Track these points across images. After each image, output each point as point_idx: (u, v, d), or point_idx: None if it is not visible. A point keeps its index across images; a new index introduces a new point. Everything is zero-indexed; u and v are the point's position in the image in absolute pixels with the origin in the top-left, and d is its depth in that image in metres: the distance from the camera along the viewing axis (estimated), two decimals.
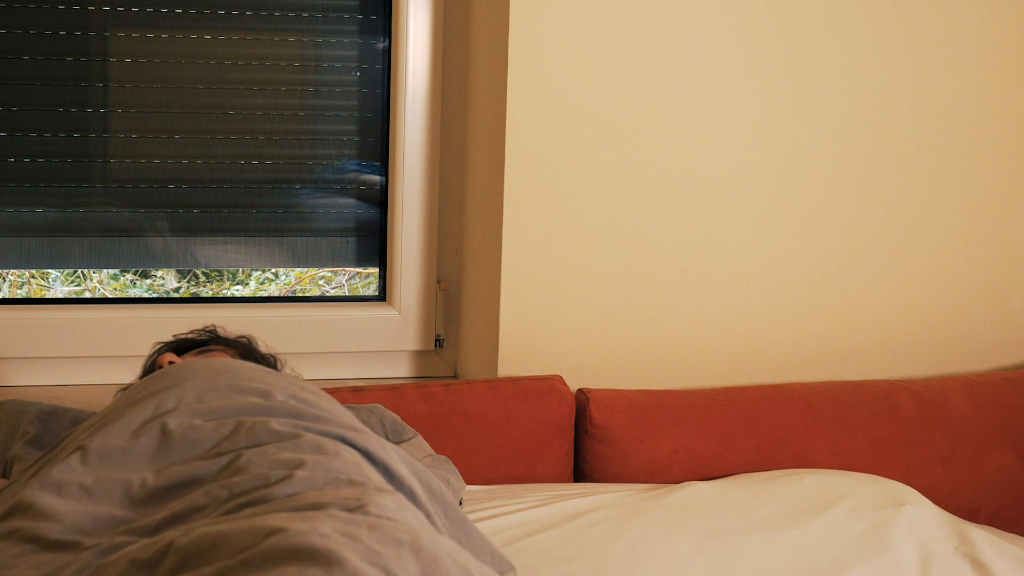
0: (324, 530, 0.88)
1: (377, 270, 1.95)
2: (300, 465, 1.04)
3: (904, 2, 1.83)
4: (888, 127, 1.87)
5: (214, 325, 1.56)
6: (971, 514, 1.76)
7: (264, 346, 1.56)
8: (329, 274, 1.95)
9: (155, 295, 1.89)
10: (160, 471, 1.08)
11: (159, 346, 1.52)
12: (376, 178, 1.92)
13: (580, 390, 1.73)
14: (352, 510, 0.94)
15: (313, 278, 1.95)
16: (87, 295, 1.86)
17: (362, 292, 1.96)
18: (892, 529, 1.49)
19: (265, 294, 1.94)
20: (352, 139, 1.90)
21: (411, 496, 1.11)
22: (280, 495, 0.99)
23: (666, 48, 1.75)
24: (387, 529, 0.92)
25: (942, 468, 1.78)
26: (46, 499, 1.04)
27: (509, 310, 1.76)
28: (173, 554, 0.91)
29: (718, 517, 1.49)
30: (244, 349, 1.52)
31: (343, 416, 1.21)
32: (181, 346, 1.51)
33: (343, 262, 1.94)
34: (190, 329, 1.56)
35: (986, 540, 1.53)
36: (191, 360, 1.37)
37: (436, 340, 1.94)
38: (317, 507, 0.95)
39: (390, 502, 0.99)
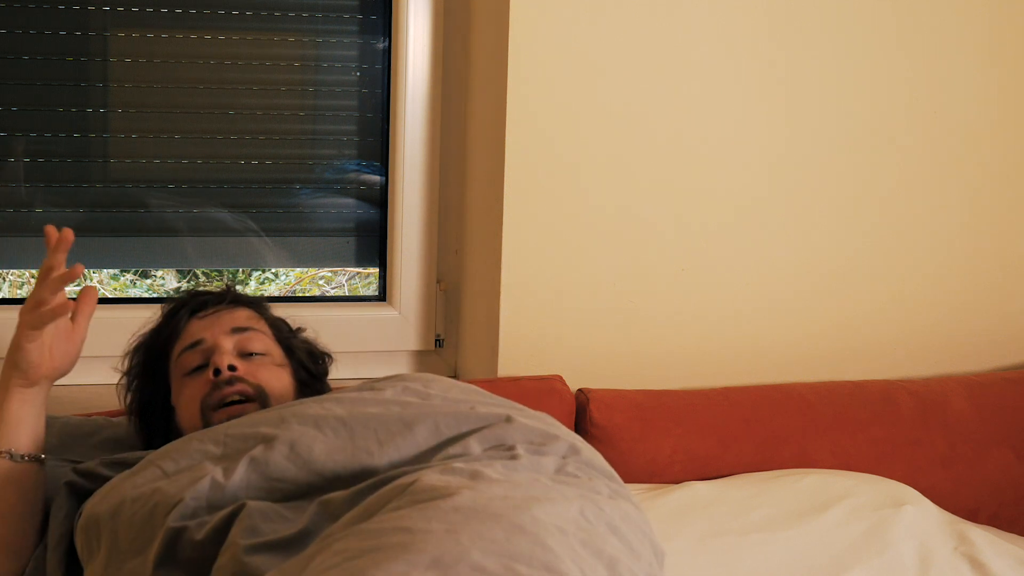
0: None
1: (377, 270, 1.95)
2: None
3: (903, 2, 1.83)
4: (888, 127, 1.86)
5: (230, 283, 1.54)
6: (971, 514, 1.76)
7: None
8: (329, 274, 1.95)
9: (155, 295, 1.89)
10: None
11: (172, 305, 1.46)
12: (376, 178, 1.92)
13: (580, 390, 1.73)
14: None
15: (313, 278, 1.95)
16: None
17: (362, 292, 1.96)
18: (892, 529, 1.49)
19: (265, 294, 1.94)
20: (352, 139, 1.90)
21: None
22: None
23: (666, 48, 1.74)
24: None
25: (942, 468, 1.78)
26: None
27: (509, 310, 1.76)
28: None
29: (718, 517, 1.49)
30: (279, 332, 1.47)
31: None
32: (197, 304, 1.45)
33: (343, 262, 1.94)
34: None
35: (986, 540, 1.53)
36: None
37: (436, 340, 1.94)
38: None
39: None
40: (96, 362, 1.81)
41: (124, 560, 1.09)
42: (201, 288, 1.51)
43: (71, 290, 1.33)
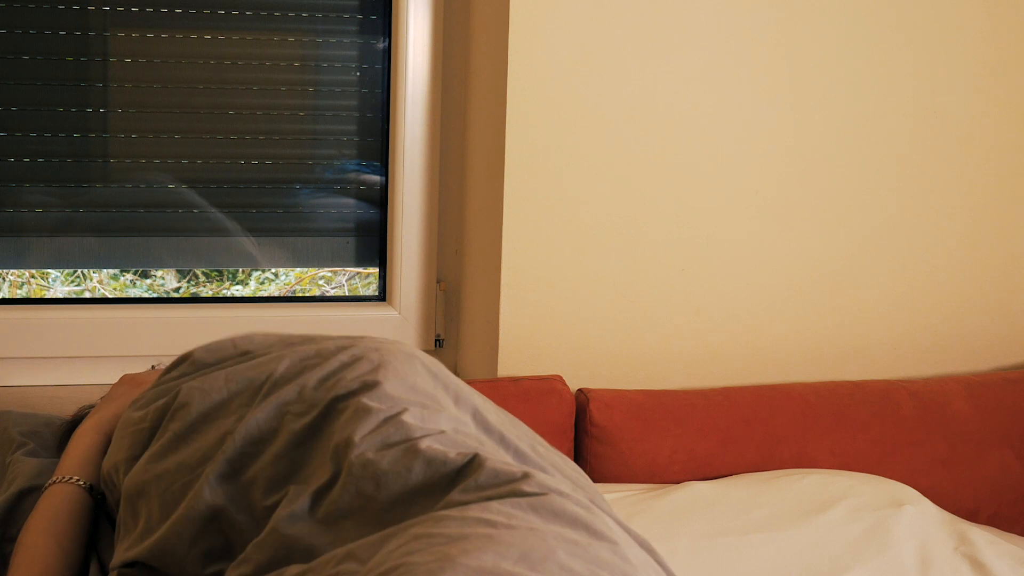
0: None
1: (377, 270, 1.95)
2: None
3: (904, 2, 1.83)
4: (888, 127, 1.87)
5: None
6: (971, 514, 1.76)
7: None
8: (329, 274, 1.95)
9: (155, 295, 1.89)
10: None
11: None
12: (376, 178, 1.92)
13: (580, 390, 1.73)
14: None
15: (313, 278, 1.95)
16: (87, 295, 1.86)
17: (362, 292, 1.96)
18: (892, 529, 1.49)
19: (265, 294, 1.94)
20: (352, 139, 1.90)
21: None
22: None
23: (666, 47, 1.74)
24: None
25: (942, 468, 1.78)
26: None
27: (509, 310, 1.76)
28: None
29: (718, 517, 1.49)
30: None
31: None
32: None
33: (343, 262, 1.94)
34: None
35: (986, 540, 1.53)
36: None
37: (436, 340, 1.94)
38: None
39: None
40: (96, 362, 1.82)
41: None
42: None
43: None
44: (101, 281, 1.87)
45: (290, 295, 1.95)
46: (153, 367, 1.46)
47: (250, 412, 1.10)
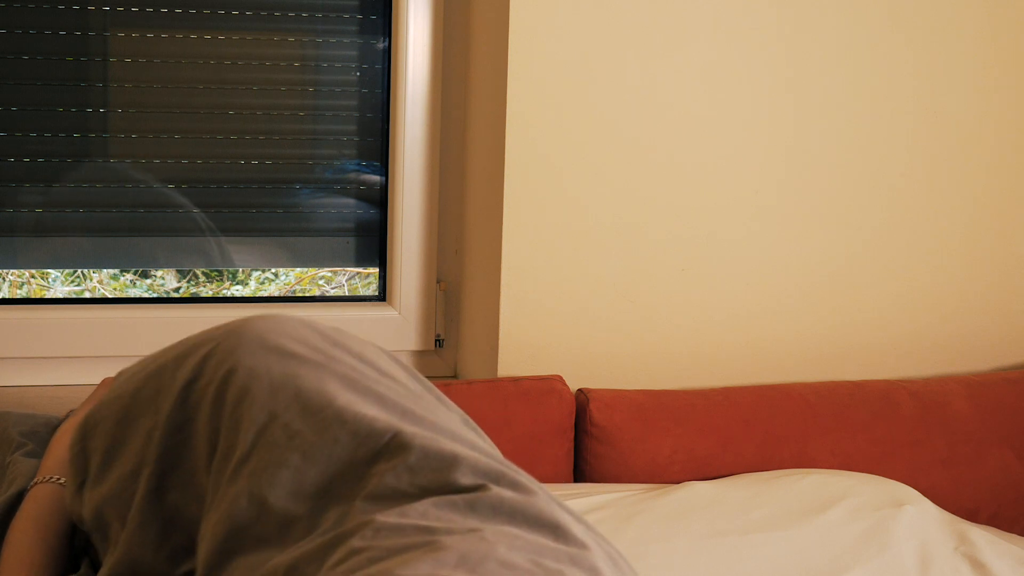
0: None
1: (377, 270, 1.95)
2: None
3: (904, 2, 1.83)
4: (889, 127, 1.86)
5: None
6: (971, 514, 1.76)
7: None
8: (329, 274, 1.95)
9: (155, 295, 1.89)
10: None
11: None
12: (376, 178, 1.92)
13: (580, 390, 1.73)
14: None
15: (313, 278, 1.95)
16: (87, 295, 1.86)
17: (362, 292, 1.96)
18: (892, 529, 1.49)
19: (265, 294, 1.94)
20: (352, 139, 1.90)
21: None
22: None
23: (666, 47, 1.74)
24: None
25: (942, 468, 1.78)
26: None
27: (509, 310, 1.76)
28: None
29: (718, 517, 1.49)
30: None
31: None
32: None
33: (343, 262, 1.94)
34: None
35: (986, 540, 1.53)
36: None
37: (436, 340, 1.94)
38: None
39: None
40: (96, 362, 1.82)
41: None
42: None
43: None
44: (101, 281, 1.87)
45: (290, 295, 1.95)
46: None
47: (162, 402, 1.09)
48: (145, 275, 1.89)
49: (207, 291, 1.91)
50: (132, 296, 1.88)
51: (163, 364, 1.12)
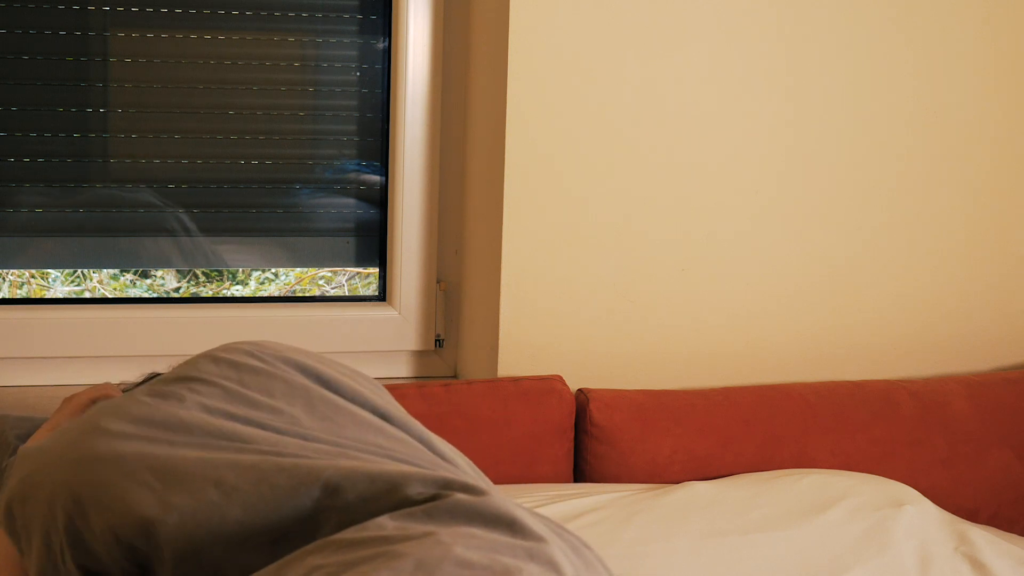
0: None
1: (377, 270, 1.95)
2: None
3: (904, 2, 1.83)
4: (888, 127, 1.86)
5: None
6: (971, 514, 1.76)
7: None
8: (329, 274, 1.95)
9: (155, 295, 1.89)
10: None
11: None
12: (376, 178, 1.92)
13: (580, 390, 1.73)
14: None
15: (313, 278, 1.95)
16: (87, 295, 1.86)
17: (362, 292, 1.96)
18: (892, 529, 1.49)
19: (265, 294, 1.94)
20: (352, 139, 1.90)
21: None
22: None
23: (666, 47, 1.74)
24: None
25: (942, 468, 1.78)
26: None
27: (509, 310, 1.76)
28: None
29: (718, 517, 1.49)
30: None
31: None
32: None
33: (343, 262, 1.94)
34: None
35: (986, 540, 1.53)
36: None
37: (436, 340, 1.94)
38: None
39: None
40: (96, 362, 1.82)
41: None
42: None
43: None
44: (101, 281, 1.87)
45: (290, 295, 1.95)
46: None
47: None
48: (145, 275, 1.89)
49: (207, 291, 1.91)
50: (132, 296, 1.88)
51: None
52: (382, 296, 1.95)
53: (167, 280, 1.90)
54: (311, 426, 1.07)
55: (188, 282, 1.90)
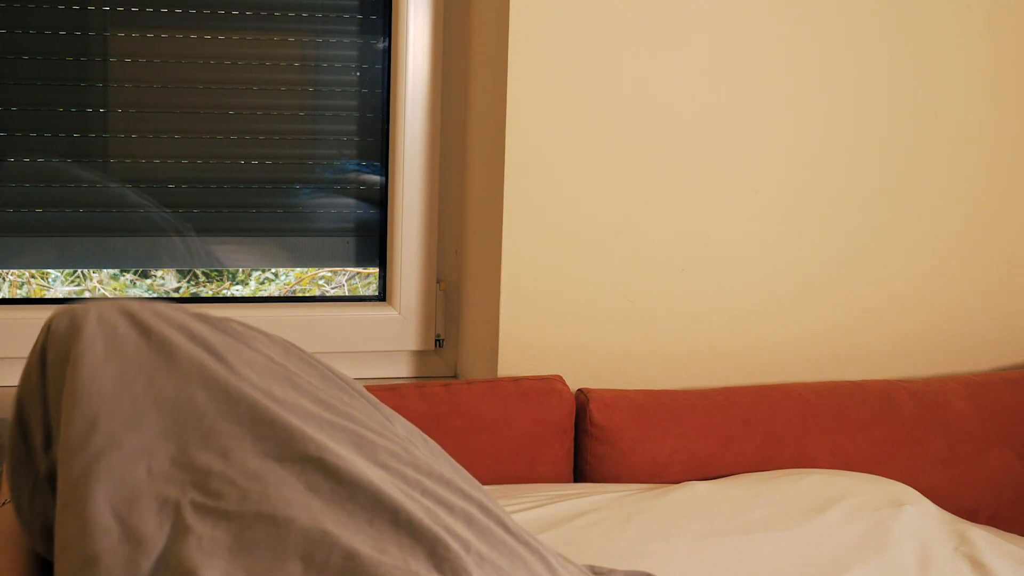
0: None
1: (377, 270, 1.95)
2: None
3: (904, 3, 1.83)
4: (888, 127, 1.87)
5: None
6: (971, 514, 1.76)
7: None
8: (329, 274, 1.95)
9: (155, 295, 1.89)
10: None
11: None
12: (376, 178, 1.92)
13: (580, 390, 1.73)
14: None
15: (313, 278, 1.96)
16: (87, 295, 1.86)
17: (362, 292, 1.96)
18: (891, 529, 1.49)
19: (265, 294, 1.94)
20: (352, 139, 1.90)
21: None
22: None
23: (666, 48, 1.75)
24: None
25: (942, 468, 1.78)
26: None
27: (509, 310, 1.76)
28: None
29: (717, 517, 1.49)
30: None
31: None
32: None
33: (343, 262, 1.94)
34: None
35: (986, 540, 1.53)
36: None
37: (436, 340, 1.94)
38: None
39: None
40: None
41: None
42: None
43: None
44: (101, 281, 1.87)
45: (290, 295, 1.95)
46: None
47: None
48: (145, 275, 1.89)
49: (207, 291, 1.91)
50: (132, 296, 1.88)
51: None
52: (382, 296, 1.95)
53: (167, 280, 1.90)
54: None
55: (188, 282, 1.90)
